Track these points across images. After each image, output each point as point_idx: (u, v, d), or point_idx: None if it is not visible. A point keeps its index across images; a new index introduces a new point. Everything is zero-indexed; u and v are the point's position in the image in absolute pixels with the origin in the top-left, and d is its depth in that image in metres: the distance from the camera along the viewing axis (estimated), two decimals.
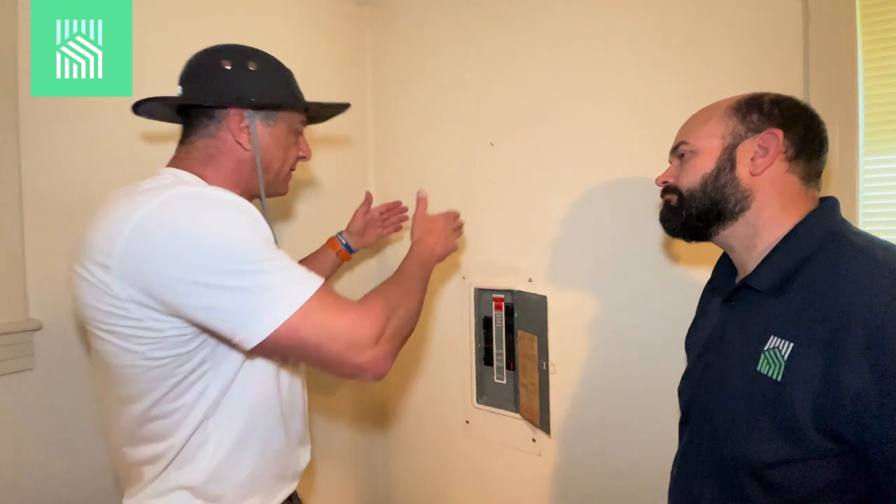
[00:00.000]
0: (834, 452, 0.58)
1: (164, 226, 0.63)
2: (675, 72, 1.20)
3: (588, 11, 1.32)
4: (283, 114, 0.84)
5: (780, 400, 0.61)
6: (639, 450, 1.27)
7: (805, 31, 1.06)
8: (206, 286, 0.63)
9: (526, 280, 1.43)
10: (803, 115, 0.71)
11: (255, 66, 0.81)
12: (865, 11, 1.02)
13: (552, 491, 1.44)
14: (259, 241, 0.68)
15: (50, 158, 1.01)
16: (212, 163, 0.80)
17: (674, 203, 0.78)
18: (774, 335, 0.64)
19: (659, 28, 1.22)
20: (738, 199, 0.71)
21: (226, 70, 0.79)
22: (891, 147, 1.02)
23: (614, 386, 1.31)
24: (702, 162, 0.74)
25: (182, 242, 0.63)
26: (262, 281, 0.65)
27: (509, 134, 1.47)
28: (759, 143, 0.70)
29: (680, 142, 0.79)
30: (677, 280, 1.22)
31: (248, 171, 0.82)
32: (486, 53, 1.51)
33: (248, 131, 0.80)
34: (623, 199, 1.29)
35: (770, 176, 0.70)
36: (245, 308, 0.64)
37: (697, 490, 0.73)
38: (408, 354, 1.73)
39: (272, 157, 0.84)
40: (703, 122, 0.76)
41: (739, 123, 0.72)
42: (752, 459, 0.63)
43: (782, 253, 0.68)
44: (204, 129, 0.80)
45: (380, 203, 1.33)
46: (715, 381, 0.74)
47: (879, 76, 1.02)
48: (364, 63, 1.78)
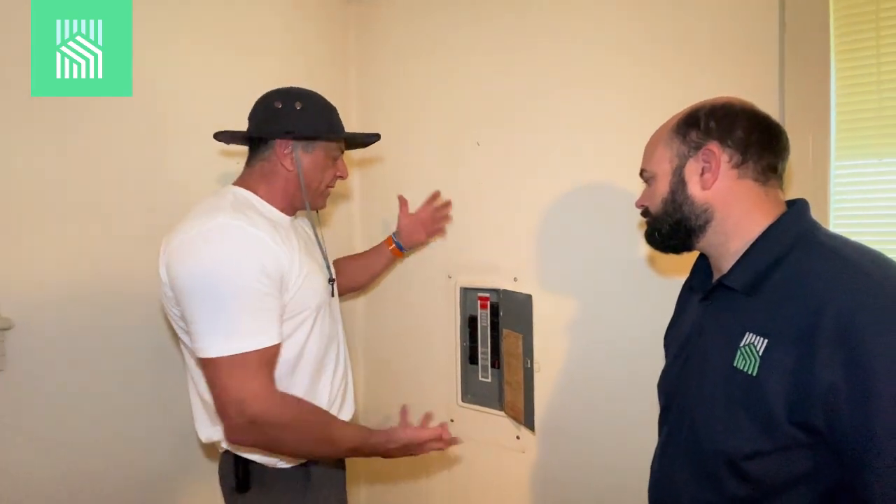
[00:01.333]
0: (807, 443, 0.60)
1: (188, 254, 0.86)
2: (658, 75, 1.24)
3: (573, 13, 1.35)
4: (321, 145, 1.04)
5: (756, 394, 0.63)
6: (621, 445, 1.30)
7: (781, 43, 1.11)
8: (191, 303, 0.86)
9: (511, 279, 1.45)
10: (738, 120, 0.72)
11: (301, 105, 1.01)
12: (839, 23, 1.07)
13: (536, 487, 1.46)
14: (248, 281, 0.86)
15: (18, 157, 0.99)
16: (265, 181, 1.03)
17: (648, 224, 0.84)
18: (749, 331, 0.67)
19: (642, 32, 1.25)
20: (697, 214, 0.75)
21: (276, 108, 1.00)
22: (861, 153, 1.07)
23: (597, 384, 1.34)
24: (659, 186, 0.78)
25: (192, 270, 0.86)
26: (223, 316, 0.85)
27: (496, 133, 1.48)
28: (702, 160, 0.73)
29: (641, 169, 0.84)
30: (658, 279, 1.25)
31: (293, 188, 1.04)
32: (472, 53, 1.52)
33: (291, 157, 1.01)
34: (608, 199, 1.31)
35: (722, 187, 0.72)
36: (201, 329, 0.85)
37: (678, 483, 0.75)
38: (391, 355, 1.74)
39: (311, 177, 1.05)
40: (653, 147, 0.80)
41: (681, 144, 0.75)
42: (729, 452, 0.66)
43: (755, 254, 0.70)
44: (260, 155, 1.03)
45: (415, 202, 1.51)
46: (694, 377, 0.76)
47: (850, 85, 1.07)
48: (348, 62, 1.77)
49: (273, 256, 0.89)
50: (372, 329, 1.79)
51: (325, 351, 1.06)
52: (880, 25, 1.04)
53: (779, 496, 0.64)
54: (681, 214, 0.76)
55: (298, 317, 0.98)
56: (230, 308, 0.85)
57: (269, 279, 0.88)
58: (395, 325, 1.73)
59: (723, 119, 0.73)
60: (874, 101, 1.06)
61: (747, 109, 0.74)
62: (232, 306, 0.85)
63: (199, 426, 1.02)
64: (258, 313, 0.87)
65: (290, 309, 0.95)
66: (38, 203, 1.02)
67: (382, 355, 1.77)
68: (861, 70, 1.06)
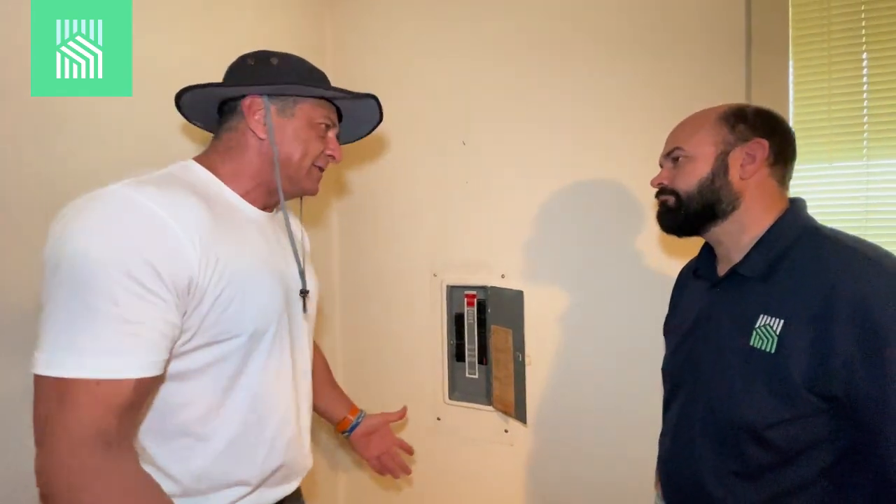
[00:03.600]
0: (825, 410, 0.68)
1: (55, 226, 0.63)
2: (641, 78, 1.32)
3: (560, 13, 1.40)
4: (302, 107, 0.82)
5: (776, 369, 0.70)
6: (611, 435, 1.37)
7: (748, 61, 1.23)
8: (42, 291, 0.62)
9: (499, 276, 1.49)
10: (780, 126, 0.82)
11: (277, 61, 0.82)
12: (796, 43, 1.21)
13: (524, 479, 1.50)
14: (116, 275, 0.59)
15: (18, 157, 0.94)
16: (229, 154, 0.81)
17: (671, 204, 0.86)
18: (764, 314, 0.74)
19: (625, 35, 1.33)
20: (730, 200, 0.81)
21: (248, 65, 0.82)
22: (813, 157, 1.21)
23: (588, 375, 1.40)
24: (698, 167, 0.82)
25: (50, 247, 0.62)
26: (62, 319, 0.59)
27: (482, 132, 1.51)
28: (748, 151, 0.80)
29: (675, 147, 0.86)
30: (649, 273, 1.33)
31: (266, 164, 0.81)
32: (457, 50, 1.54)
33: (262, 121, 0.79)
34: (596, 195, 1.38)
35: (756, 180, 0.80)
36: (39, 331, 0.60)
37: (698, 454, 0.81)
38: (374, 355, 1.72)
39: (291, 149, 0.81)
40: (694, 129, 0.84)
41: (729, 133, 0.81)
42: (751, 422, 0.73)
43: (766, 245, 0.78)
44: (227, 124, 0.82)
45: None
46: (707, 357, 0.83)
47: (805, 97, 1.21)
48: (324, 58, 1.72)
49: (172, 250, 0.63)
50: (352, 331, 1.75)
51: (270, 392, 0.79)
52: (832, 45, 1.19)
53: (798, 459, 0.71)
54: (715, 197, 0.81)
55: (225, 344, 0.72)
56: (75, 310, 0.59)
57: (158, 280, 0.61)
58: (378, 326, 1.71)
59: (768, 121, 0.81)
60: (825, 111, 1.20)
61: (784, 120, 0.83)
62: (77, 308, 0.59)
63: None
64: (119, 326, 0.59)
65: (211, 331, 0.69)
66: (33, 202, 0.98)
67: (363, 356, 1.74)
68: (815, 84, 1.21)
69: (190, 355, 0.70)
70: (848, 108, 1.18)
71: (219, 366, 0.72)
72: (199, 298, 0.67)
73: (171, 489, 0.71)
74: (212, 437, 0.73)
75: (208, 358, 0.71)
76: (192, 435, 0.72)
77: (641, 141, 1.31)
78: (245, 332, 0.73)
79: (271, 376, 0.79)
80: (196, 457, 0.72)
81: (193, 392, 0.71)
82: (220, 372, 0.73)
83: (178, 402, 0.71)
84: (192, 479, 0.72)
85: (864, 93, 1.17)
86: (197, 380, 0.71)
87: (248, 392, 0.76)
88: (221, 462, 0.74)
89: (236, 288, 0.71)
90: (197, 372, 0.71)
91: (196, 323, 0.68)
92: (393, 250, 1.67)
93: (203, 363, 0.71)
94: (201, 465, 0.73)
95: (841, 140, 1.19)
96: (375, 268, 1.69)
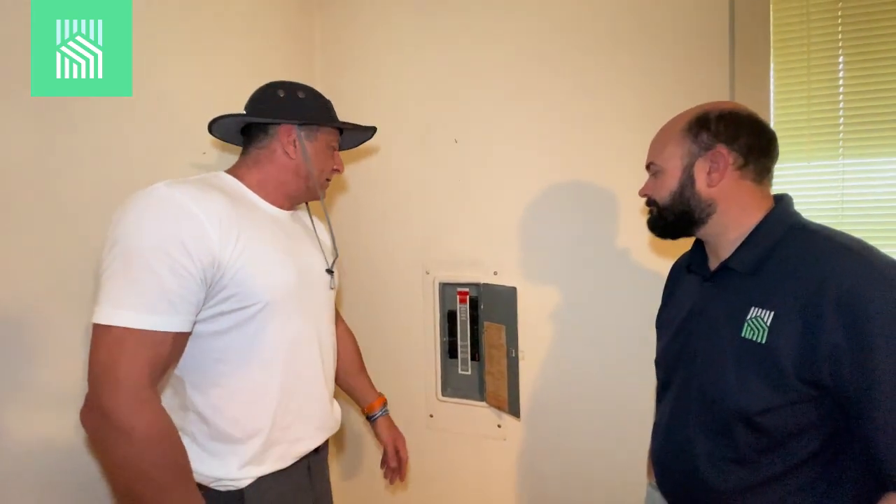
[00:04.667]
0: (814, 397, 0.71)
1: (113, 217, 0.80)
2: (630, 77, 1.36)
3: (550, 13, 1.42)
4: (322, 133, 1.03)
5: (766, 358, 0.73)
6: (603, 427, 1.41)
7: (731, 63, 1.27)
8: (101, 264, 0.78)
9: (491, 273, 1.51)
10: (744, 126, 0.83)
11: (304, 95, 1.01)
12: (777, 46, 1.26)
13: (518, 473, 1.53)
14: (155, 250, 0.76)
15: (18, 156, 0.94)
16: (257, 167, 0.98)
17: (654, 213, 0.92)
18: (755, 306, 0.77)
19: (613, 35, 1.37)
20: (702, 207, 0.84)
21: (280, 97, 1.00)
22: (793, 156, 1.26)
23: (580, 369, 1.43)
24: (667, 180, 0.86)
25: (109, 232, 0.79)
26: (115, 282, 0.76)
27: (474, 130, 1.53)
28: (710, 160, 0.82)
29: (650, 161, 0.91)
30: (640, 269, 1.37)
31: (290, 177, 1.00)
32: (449, 47, 1.55)
33: (295, 144, 0.98)
34: (588, 193, 1.41)
35: (726, 185, 0.83)
36: (98, 292, 0.77)
37: (693, 441, 0.84)
38: (367, 353, 1.65)
39: (313, 166, 1.02)
40: (664, 143, 0.88)
41: (692, 143, 0.83)
42: (744, 409, 0.75)
43: (754, 241, 0.81)
44: (258, 143, 0.99)
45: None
46: (700, 349, 0.86)
47: (785, 99, 1.27)
48: (314, 54, 1.71)
49: (198, 232, 0.79)
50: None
51: (287, 353, 0.93)
52: (811, 50, 1.24)
53: (788, 442, 0.74)
54: (687, 207, 0.85)
55: (245, 310, 0.86)
56: (124, 275, 0.75)
57: (188, 258, 0.78)
58: (371, 324, 1.70)
59: (731, 125, 0.82)
60: (804, 112, 1.25)
61: (752, 117, 0.84)
62: (126, 273, 0.75)
63: None
64: (157, 290, 0.76)
65: (233, 299, 0.85)
66: (36, 202, 0.98)
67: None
68: (795, 87, 1.26)
69: (217, 319, 0.85)
70: (825, 109, 1.24)
71: (242, 328, 0.87)
72: (222, 272, 0.82)
73: (208, 432, 0.87)
74: (241, 389, 0.88)
75: (231, 321, 0.86)
76: (224, 387, 0.87)
77: (631, 139, 1.34)
78: (261, 301, 0.87)
79: (292, 341, 0.94)
80: (228, 407, 0.87)
81: (223, 350, 0.86)
82: (243, 333, 0.87)
83: (212, 359, 0.86)
84: (226, 424, 0.87)
85: (840, 95, 1.22)
86: (224, 340, 0.86)
87: (272, 353, 0.91)
88: (248, 411, 0.89)
89: (253, 263, 0.86)
90: (224, 333, 0.86)
91: (219, 291, 0.83)
92: (385, 248, 1.67)
93: (227, 325, 0.86)
94: (233, 415, 0.87)
95: (818, 140, 1.24)
96: (368, 265, 1.70)
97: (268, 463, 0.91)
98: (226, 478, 0.87)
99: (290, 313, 0.93)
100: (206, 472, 0.86)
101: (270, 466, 0.92)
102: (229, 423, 0.87)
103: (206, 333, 0.85)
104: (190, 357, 0.86)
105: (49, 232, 0.99)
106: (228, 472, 0.87)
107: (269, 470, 0.92)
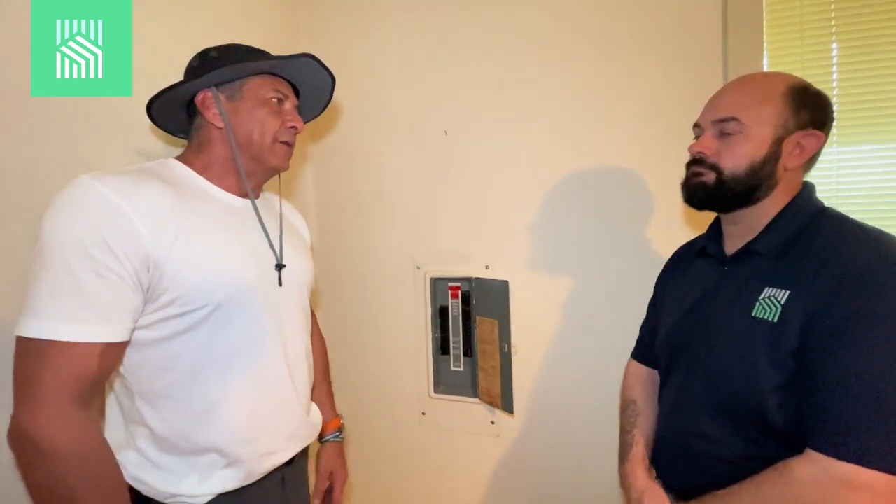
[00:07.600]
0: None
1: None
2: (622, 67, 1.33)
3: (540, 4, 1.40)
4: (248, 87, 0.87)
5: (778, 337, 0.71)
6: (597, 423, 1.38)
7: (724, 56, 1.25)
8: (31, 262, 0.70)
9: (483, 267, 1.49)
10: (830, 114, 0.77)
11: (216, 53, 0.88)
12: (771, 32, 1.24)
13: (511, 469, 1.51)
14: (71, 250, 0.67)
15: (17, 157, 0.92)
16: (200, 150, 0.88)
17: (710, 181, 0.79)
18: (769, 286, 0.74)
19: (605, 24, 1.35)
20: (768, 187, 0.76)
21: (194, 66, 0.89)
22: None
23: (574, 364, 1.41)
24: (752, 148, 0.75)
25: (40, 223, 0.70)
26: (33, 288, 0.67)
27: (464, 122, 1.50)
28: (801, 141, 0.74)
29: (732, 116, 0.76)
30: (634, 261, 1.35)
31: (227, 151, 0.87)
32: (437, 38, 1.52)
33: (216, 110, 0.85)
34: (580, 185, 1.39)
35: (793, 171, 0.77)
36: (27, 298, 0.68)
37: (698, 421, 0.81)
38: (356, 351, 1.69)
39: (248, 129, 0.86)
40: (760, 101, 0.76)
41: (791, 116, 0.74)
42: (749, 390, 0.73)
43: (780, 225, 0.77)
44: (194, 124, 0.89)
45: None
46: (710, 331, 0.82)
47: None
48: (297, 44, 1.66)
49: (124, 229, 0.69)
50: (334, 326, 1.70)
51: (248, 358, 0.83)
52: (804, 36, 1.22)
53: (794, 425, 0.70)
54: (759, 182, 0.76)
55: (194, 313, 0.76)
56: (44, 279, 0.67)
57: (112, 257, 0.68)
58: (360, 320, 1.67)
59: (824, 109, 0.76)
60: None
61: (832, 105, 0.77)
62: (46, 277, 0.67)
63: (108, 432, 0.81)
64: (79, 296, 0.67)
65: (178, 302, 0.75)
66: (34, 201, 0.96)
67: (346, 352, 1.69)
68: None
69: (162, 324, 0.75)
70: None
71: (192, 333, 0.77)
72: (160, 273, 0.73)
73: (158, 446, 0.78)
74: (192, 400, 0.79)
75: (180, 326, 0.76)
76: (174, 398, 0.78)
77: (625, 130, 1.33)
78: (211, 303, 0.77)
79: (254, 346, 0.83)
80: (180, 420, 0.78)
81: (172, 359, 0.77)
82: (193, 339, 0.77)
83: (159, 367, 0.77)
84: (178, 438, 0.78)
85: (835, 83, 1.20)
86: (173, 346, 0.77)
87: (229, 360, 0.81)
88: (203, 425, 0.79)
89: (197, 261, 0.76)
90: (172, 339, 0.76)
91: (160, 294, 0.74)
92: (375, 243, 1.64)
93: (175, 331, 0.76)
94: (185, 429, 0.78)
95: None
96: (357, 261, 1.67)
97: (232, 480, 0.83)
98: (183, 494, 0.79)
99: (251, 314, 0.83)
100: (159, 486, 0.78)
101: (235, 483, 0.83)
102: (181, 438, 0.78)
103: (151, 340, 0.75)
104: (138, 366, 0.76)
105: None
106: (188, 488, 0.79)
107: (234, 486, 0.83)
